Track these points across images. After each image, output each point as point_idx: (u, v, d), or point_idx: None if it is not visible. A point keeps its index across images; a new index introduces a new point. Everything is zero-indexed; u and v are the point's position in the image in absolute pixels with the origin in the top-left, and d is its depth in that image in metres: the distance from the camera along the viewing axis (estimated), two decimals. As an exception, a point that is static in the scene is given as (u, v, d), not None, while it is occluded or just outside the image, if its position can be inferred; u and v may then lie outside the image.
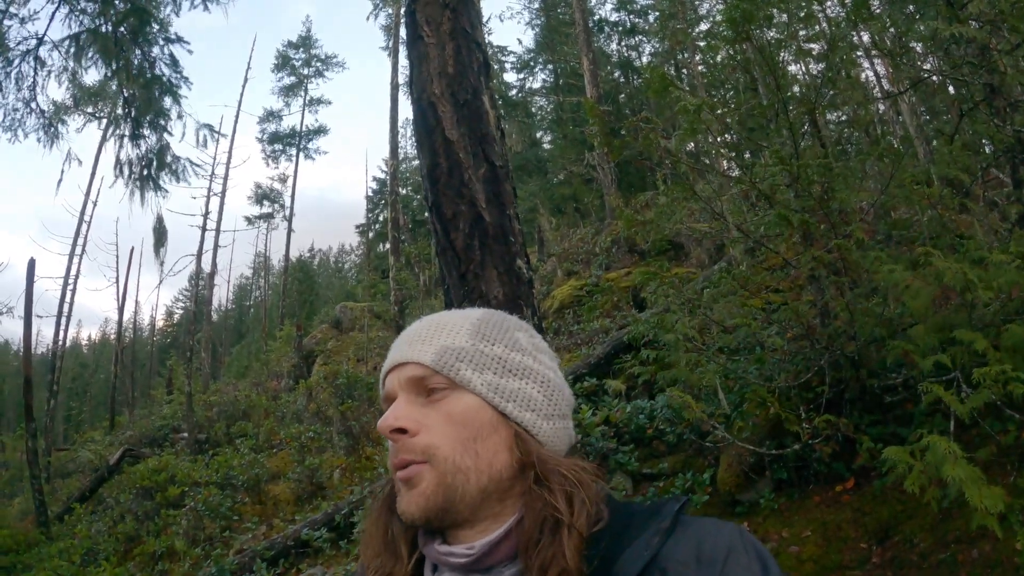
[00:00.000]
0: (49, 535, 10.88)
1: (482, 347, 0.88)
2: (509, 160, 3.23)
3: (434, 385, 0.85)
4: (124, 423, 20.76)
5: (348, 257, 63.74)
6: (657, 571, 0.73)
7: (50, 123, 9.06)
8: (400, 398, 0.85)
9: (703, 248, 11.34)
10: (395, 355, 0.89)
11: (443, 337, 0.88)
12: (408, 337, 0.91)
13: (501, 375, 0.87)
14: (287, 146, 34.09)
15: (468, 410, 0.84)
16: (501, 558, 0.81)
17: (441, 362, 0.85)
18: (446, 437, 0.82)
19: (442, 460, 0.81)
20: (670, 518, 0.78)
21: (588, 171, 19.42)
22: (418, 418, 0.83)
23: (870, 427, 4.55)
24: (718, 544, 0.74)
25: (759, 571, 0.71)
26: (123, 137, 9.20)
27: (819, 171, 4.43)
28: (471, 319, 0.92)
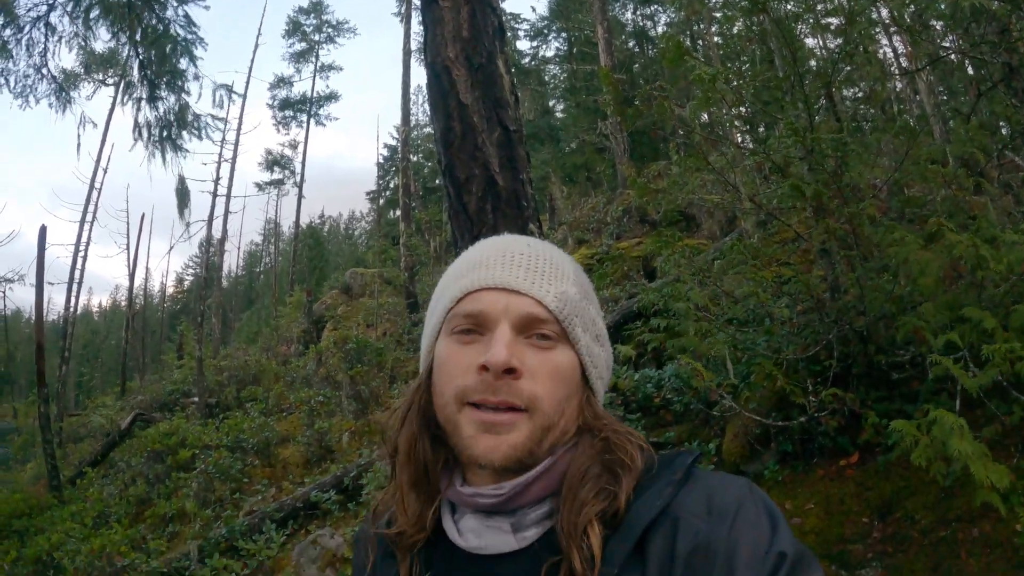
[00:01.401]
0: (61, 499, 11.05)
1: (586, 304, 0.87)
2: (523, 125, 3.21)
3: (544, 330, 0.82)
4: (135, 388, 21.01)
5: (358, 223, 63.86)
6: (669, 520, 0.74)
7: (61, 88, 9.04)
8: (506, 331, 0.80)
9: (715, 220, 11.26)
10: (507, 276, 0.84)
11: (559, 280, 0.85)
12: (523, 261, 0.86)
13: (594, 339, 0.87)
14: (298, 112, 33.91)
15: (570, 368, 0.83)
16: (530, 499, 0.80)
17: (563, 311, 0.83)
18: (550, 391, 0.80)
19: (541, 415, 0.79)
20: (683, 470, 0.79)
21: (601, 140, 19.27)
22: (523, 360, 0.79)
23: (876, 403, 4.54)
24: (728, 497, 0.75)
25: (768, 525, 0.72)
26: (140, 100, 9.17)
27: (833, 145, 4.36)
28: (570, 263, 0.90)
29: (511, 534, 0.80)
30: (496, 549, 0.80)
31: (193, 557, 6.52)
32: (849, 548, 4.00)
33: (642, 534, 0.74)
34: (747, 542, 0.70)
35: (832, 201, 4.49)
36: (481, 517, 0.82)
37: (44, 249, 12.88)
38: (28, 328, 44.44)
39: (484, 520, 0.82)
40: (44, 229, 13.14)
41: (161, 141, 9.36)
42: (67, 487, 11.73)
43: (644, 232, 12.69)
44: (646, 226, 13.10)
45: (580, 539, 0.74)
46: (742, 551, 0.70)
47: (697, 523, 0.73)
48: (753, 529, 0.71)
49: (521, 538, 0.80)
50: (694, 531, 0.72)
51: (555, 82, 28.65)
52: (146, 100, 9.09)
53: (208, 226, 20.12)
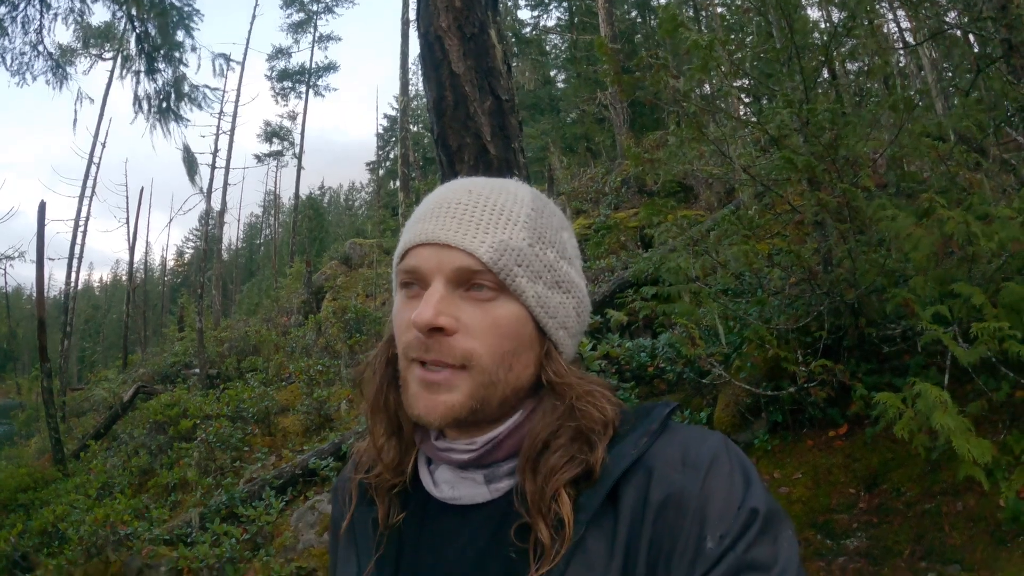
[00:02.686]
0: (66, 472, 11.16)
1: (537, 251, 0.81)
2: (515, 95, 3.22)
3: (482, 282, 0.77)
4: (137, 361, 21.11)
5: (358, 194, 63.58)
6: (644, 469, 0.74)
7: (58, 65, 8.98)
8: (438, 287, 0.76)
9: (712, 191, 11.21)
10: (437, 230, 0.79)
11: (500, 227, 0.79)
12: (456, 212, 0.80)
13: (550, 287, 0.82)
14: (296, 83, 33.50)
15: (515, 321, 0.78)
16: (502, 455, 0.80)
17: (499, 262, 0.77)
18: (489, 346, 0.76)
19: (480, 371, 0.76)
20: (659, 421, 0.78)
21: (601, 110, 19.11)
22: (458, 316, 0.76)
23: (866, 375, 4.58)
24: (704, 450, 0.74)
25: (741, 481, 0.72)
26: (139, 73, 9.11)
27: (829, 118, 4.32)
28: (524, 205, 0.83)
29: (484, 485, 0.81)
30: (470, 500, 0.81)
31: (194, 524, 6.63)
32: (835, 518, 4.07)
33: (615, 484, 0.74)
34: (719, 496, 0.70)
35: (826, 174, 4.48)
36: (456, 469, 0.83)
37: (44, 225, 12.85)
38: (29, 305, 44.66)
39: (458, 472, 0.83)
40: (43, 205, 13.09)
41: (161, 113, 9.32)
42: (71, 460, 11.83)
43: (642, 202, 12.63)
44: (644, 196, 13.02)
45: (548, 507, 0.74)
46: (714, 505, 0.70)
47: (671, 474, 0.73)
48: (726, 483, 0.71)
49: (494, 489, 0.80)
50: (668, 481, 0.72)
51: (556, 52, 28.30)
52: (144, 73, 9.03)
53: (207, 198, 20.06)
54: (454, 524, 0.81)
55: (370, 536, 0.87)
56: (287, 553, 6.12)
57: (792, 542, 0.70)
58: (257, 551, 6.06)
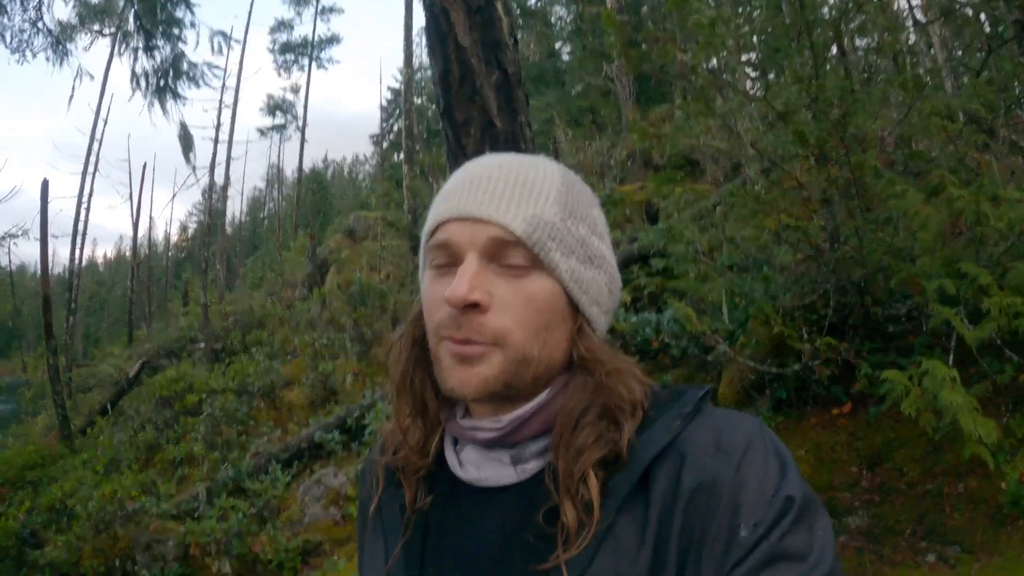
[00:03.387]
0: (73, 448, 11.19)
1: (569, 225, 0.79)
2: (521, 68, 3.18)
3: (515, 256, 0.76)
4: (142, 336, 21.14)
5: (362, 167, 63.33)
6: (676, 454, 0.72)
7: (58, 41, 8.88)
8: (471, 262, 0.75)
9: (719, 165, 11.11)
10: (471, 204, 0.78)
11: (533, 201, 0.78)
12: (488, 186, 0.79)
13: (582, 261, 0.80)
14: (299, 56, 33.12)
15: (548, 296, 0.77)
16: (529, 434, 0.79)
17: (533, 236, 0.76)
18: (522, 322, 0.75)
19: (513, 347, 0.75)
20: (692, 404, 0.76)
21: (607, 83, 18.90)
22: (492, 291, 0.75)
23: (871, 354, 4.57)
24: (738, 435, 0.72)
25: (776, 467, 0.70)
26: (137, 50, 9.01)
27: (838, 94, 4.25)
28: (555, 181, 0.82)
29: (511, 466, 0.79)
30: (496, 481, 0.79)
31: (201, 499, 6.70)
32: (837, 496, 4.08)
33: (647, 468, 0.72)
34: (754, 483, 0.68)
35: (835, 150, 4.42)
36: (482, 449, 0.81)
37: (47, 203, 12.80)
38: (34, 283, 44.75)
39: (485, 452, 0.81)
40: (46, 183, 13.02)
41: (159, 90, 9.24)
42: (78, 436, 11.88)
43: (648, 176, 12.57)
44: (650, 170, 12.95)
45: (576, 487, 0.72)
46: (748, 492, 0.68)
47: (704, 459, 0.70)
48: (762, 469, 0.69)
49: (521, 470, 0.79)
50: (700, 467, 0.70)
51: (561, 24, 27.92)
52: (143, 50, 8.94)
53: (210, 173, 19.96)
54: (480, 506, 0.80)
55: (397, 520, 0.86)
56: (294, 527, 6.20)
57: (828, 531, 0.68)
58: (264, 525, 6.14)
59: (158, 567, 5.65)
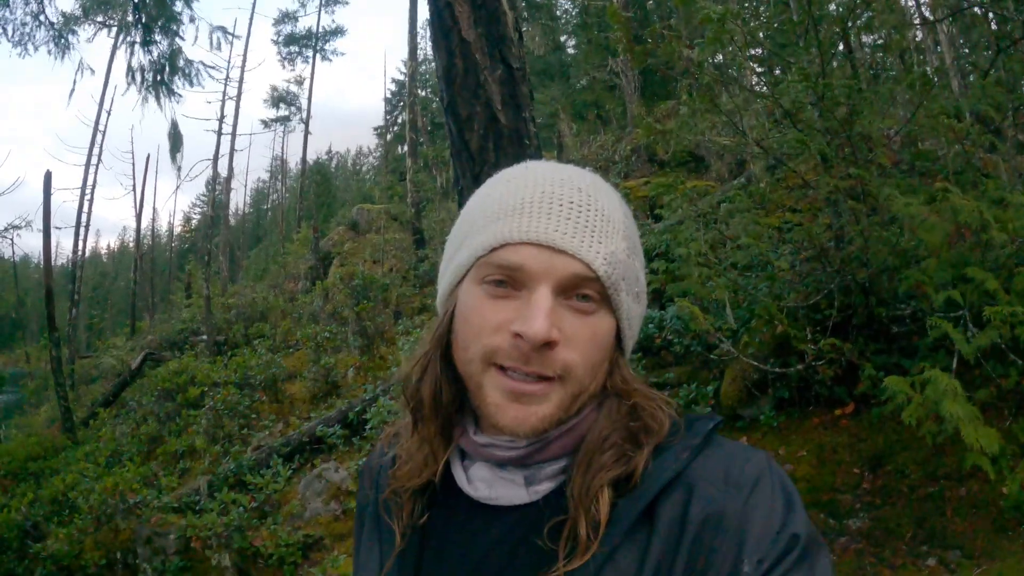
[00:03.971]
0: (75, 440, 11.27)
1: (631, 262, 0.79)
2: (526, 63, 3.16)
3: (589, 293, 0.74)
4: (145, 328, 21.24)
5: (366, 159, 63.22)
6: (683, 486, 0.72)
7: (60, 34, 8.84)
8: (546, 296, 0.72)
9: (724, 162, 11.07)
10: (551, 231, 0.74)
11: (610, 236, 0.76)
12: (571, 214, 0.75)
13: (634, 299, 0.80)
14: (303, 48, 32.98)
15: (608, 334, 0.77)
16: (548, 456, 0.77)
17: (612, 276, 0.75)
18: (586, 358, 0.74)
19: (574, 383, 0.74)
20: (702, 436, 0.76)
21: (611, 78, 18.83)
22: (561, 326, 0.72)
23: (874, 355, 4.55)
24: (747, 469, 0.72)
25: (782, 504, 0.70)
26: (134, 44, 8.98)
27: (845, 92, 4.21)
28: (619, 210, 0.80)
29: (523, 487, 0.78)
30: (507, 501, 0.78)
31: (203, 492, 6.70)
32: (838, 497, 4.07)
33: (654, 498, 0.72)
34: (760, 518, 0.68)
35: (840, 151, 4.39)
36: (494, 467, 0.80)
37: (50, 194, 12.80)
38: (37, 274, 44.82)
39: (497, 471, 0.79)
40: (49, 174, 13.01)
41: (154, 85, 9.20)
42: (80, 428, 11.95)
43: (652, 171, 12.52)
44: (654, 166, 12.92)
45: (590, 504, 0.72)
46: (754, 527, 0.68)
47: (712, 492, 0.71)
48: (768, 506, 0.69)
49: (533, 491, 0.78)
50: (707, 499, 0.70)
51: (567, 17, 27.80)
52: (140, 44, 8.90)
53: (213, 165, 19.97)
54: (483, 523, 0.79)
55: (393, 529, 0.85)
56: (294, 521, 6.21)
57: (828, 570, 0.68)
58: (265, 519, 6.14)
59: (159, 560, 5.66)
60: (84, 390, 15.88)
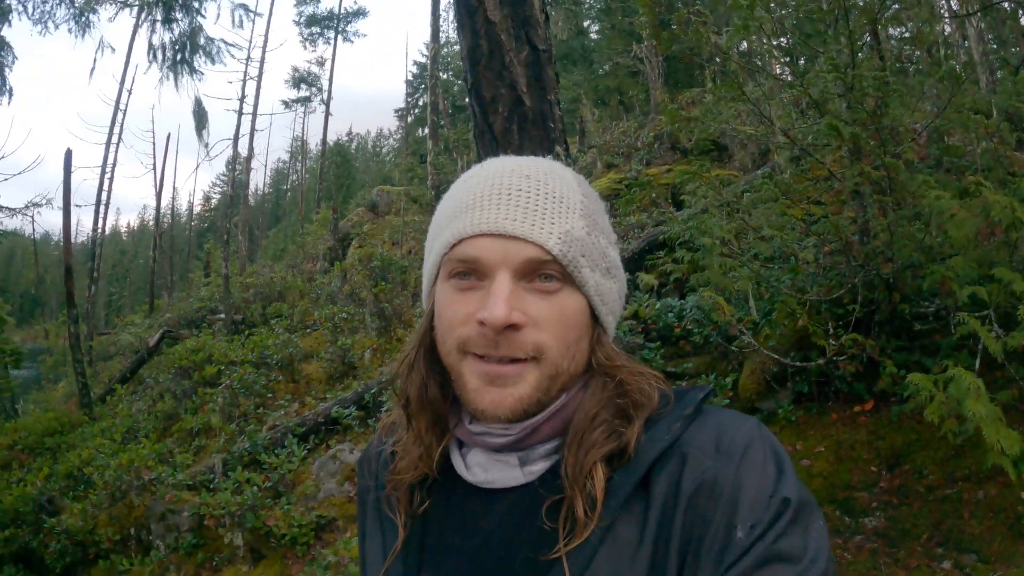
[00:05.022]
0: (92, 416, 11.41)
1: (593, 239, 0.80)
2: (552, 45, 3.11)
3: (549, 273, 0.76)
4: (163, 306, 21.43)
5: (386, 141, 63.31)
6: (677, 455, 0.73)
7: (81, 13, 8.85)
8: (505, 281, 0.74)
9: (748, 151, 10.92)
10: (503, 220, 0.76)
11: (563, 216, 0.78)
12: (520, 200, 0.77)
13: (603, 274, 0.81)
14: (325, 29, 32.93)
15: (578, 311, 0.78)
16: (539, 438, 0.79)
17: (568, 254, 0.76)
18: (557, 338, 0.76)
19: (549, 363, 0.76)
20: (693, 405, 0.78)
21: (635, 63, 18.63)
22: (526, 309, 0.75)
23: (896, 352, 4.47)
24: (739, 436, 0.73)
25: (774, 469, 0.71)
26: (155, 22, 8.98)
27: (874, 84, 4.11)
28: (577, 192, 0.82)
29: (518, 468, 0.80)
30: (503, 483, 0.80)
31: (217, 470, 6.75)
32: (855, 495, 4.01)
33: (648, 469, 0.73)
34: (752, 484, 0.70)
35: (868, 143, 4.29)
36: (489, 452, 0.82)
37: (70, 172, 12.90)
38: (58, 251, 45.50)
39: (492, 455, 0.82)
40: (69, 153, 13.11)
41: (174, 64, 9.21)
42: (97, 404, 12.09)
43: (675, 159, 12.40)
44: (677, 153, 12.78)
45: (584, 482, 0.73)
46: (746, 493, 0.69)
47: (705, 460, 0.72)
48: (759, 471, 0.71)
49: (528, 472, 0.80)
50: (701, 469, 0.71)
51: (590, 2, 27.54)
52: (161, 22, 8.90)
53: (234, 144, 19.97)
54: (484, 506, 0.81)
55: (396, 517, 0.87)
56: (308, 501, 6.24)
57: (823, 533, 0.69)
58: (278, 499, 6.18)
59: (172, 537, 5.72)
60: (102, 366, 16.04)
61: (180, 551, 5.72)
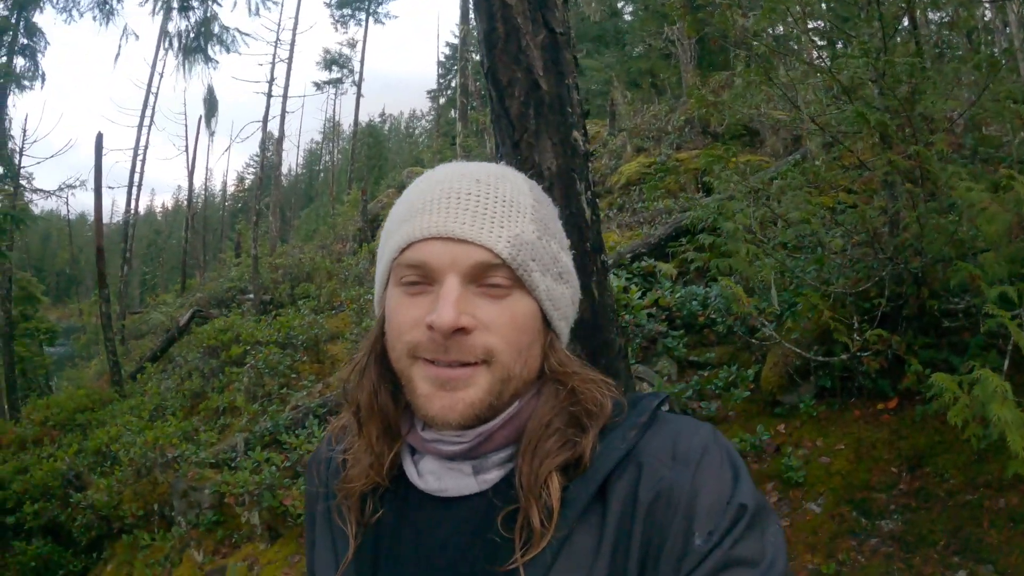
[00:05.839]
0: (122, 393, 11.67)
1: (544, 243, 0.80)
2: (570, 28, 3.04)
3: (497, 280, 0.75)
4: (195, 286, 21.77)
5: (419, 123, 63.33)
6: (633, 464, 0.73)
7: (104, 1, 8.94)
8: (454, 285, 0.74)
9: (779, 137, 10.67)
10: (452, 224, 0.75)
11: (512, 220, 0.77)
12: (468, 204, 0.77)
13: (555, 279, 0.81)
14: (356, 11, 32.96)
15: (528, 316, 0.78)
16: (493, 446, 0.78)
17: (517, 258, 0.76)
18: (508, 342, 0.75)
19: (500, 367, 0.75)
20: (648, 413, 0.78)
21: (668, 46, 18.29)
22: (475, 313, 0.74)
23: (922, 349, 4.33)
24: (694, 443, 0.74)
25: (730, 475, 0.71)
26: (171, 9, 9.04)
27: (908, 71, 3.95)
28: (528, 196, 0.82)
29: (472, 476, 0.79)
30: (456, 491, 0.79)
31: (239, 449, 6.85)
32: (873, 496, 3.90)
33: (605, 479, 0.73)
34: (709, 491, 0.70)
35: (900, 131, 4.13)
36: (442, 460, 0.81)
37: (101, 156, 13.15)
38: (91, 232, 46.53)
39: (445, 463, 0.81)
40: (100, 136, 13.36)
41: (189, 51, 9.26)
42: (128, 382, 12.38)
43: (705, 144, 12.17)
44: (708, 138, 12.56)
45: (540, 491, 0.73)
46: (703, 500, 0.69)
47: (661, 469, 0.72)
48: (716, 478, 0.71)
49: (482, 480, 0.79)
50: (658, 477, 0.72)
51: (625, -18, 27.07)
52: (177, 10, 8.95)
53: (263, 127, 20.18)
54: (437, 515, 0.80)
55: (347, 526, 0.85)
56: (325, 483, 6.29)
57: (779, 536, 0.70)
58: (296, 479, 6.24)
59: (194, 514, 5.83)
60: (133, 345, 16.37)
61: (201, 527, 5.83)
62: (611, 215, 10.77)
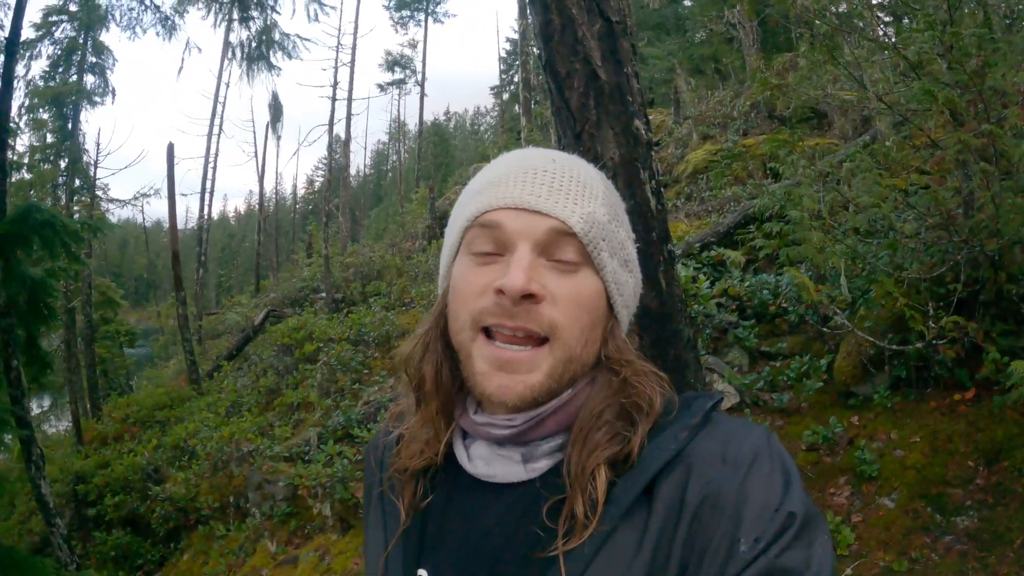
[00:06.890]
0: (200, 391, 12.25)
1: (614, 228, 0.81)
2: (627, 16, 3.02)
3: (568, 254, 0.77)
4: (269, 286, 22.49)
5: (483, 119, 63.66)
6: (683, 465, 0.72)
7: (166, 17, 9.33)
8: (525, 252, 0.75)
9: (847, 118, 10.26)
10: (528, 195, 0.77)
11: (586, 199, 0.79)
12: (545, 179, 0.79)
13: (621, 265, 0.82)
14: (415, 11, 33.35)
15: (595, 295, 0.78)
16: (543, 433, 0.79)
17: (588, 234, 0.77)
18: (572, 318, 0.76)
19: (562, 345, 0.75)
20: (701, 414, 0.76)
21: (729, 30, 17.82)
22: (545, 283, 0.75)
23: (1001, 336, 4.11)
24: (745, 447, 0.72)
25: (780, 481, 0.70)
26: (232, 21, 9.35)
27: (976, 42, 3.74)
28: (600, 182, 0.84)
29: (521, 464, 0.79)
30: (504, 478, 0.80)
31: (312, 443, 7.09)
32: (948, 492, 3.74)
33: (652, 478, 0.72)
34: (758, 497, 0.68)
35: (970, 107, 3.92)
36: (492, 445, 0.81)
37: (173, 164, 13.82)
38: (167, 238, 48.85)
39: (495, 448, 0.81)
40: (171, 146, 14.04)
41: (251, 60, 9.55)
42: (205, 380, 12.96)
43: (772, 128, 11.81)
44: (774, 122, 12.18)
45: (586, 483, 0.72)
46: (751, 506, 0.68)
47: (710, 471, 0.71)
48: (765, 484, 0.69)
49: (530, 469, 0.79)
50: (706, 480, 0.70)
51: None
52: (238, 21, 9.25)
53: (329, 130, 20.63)
54: (484, 500, 0.80)
55: (398, 508, 0.87)
56: (395, 476, 6.44)
57: (827, 547, 0.68)
58: (367, 472, 6.42)
59: (268, 505, 6.07)
60: (210, 344, 17.03)
61: (274, 519, 6.06)
62: (679, 204, 10.60)
